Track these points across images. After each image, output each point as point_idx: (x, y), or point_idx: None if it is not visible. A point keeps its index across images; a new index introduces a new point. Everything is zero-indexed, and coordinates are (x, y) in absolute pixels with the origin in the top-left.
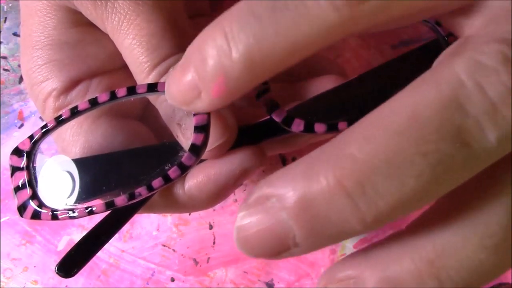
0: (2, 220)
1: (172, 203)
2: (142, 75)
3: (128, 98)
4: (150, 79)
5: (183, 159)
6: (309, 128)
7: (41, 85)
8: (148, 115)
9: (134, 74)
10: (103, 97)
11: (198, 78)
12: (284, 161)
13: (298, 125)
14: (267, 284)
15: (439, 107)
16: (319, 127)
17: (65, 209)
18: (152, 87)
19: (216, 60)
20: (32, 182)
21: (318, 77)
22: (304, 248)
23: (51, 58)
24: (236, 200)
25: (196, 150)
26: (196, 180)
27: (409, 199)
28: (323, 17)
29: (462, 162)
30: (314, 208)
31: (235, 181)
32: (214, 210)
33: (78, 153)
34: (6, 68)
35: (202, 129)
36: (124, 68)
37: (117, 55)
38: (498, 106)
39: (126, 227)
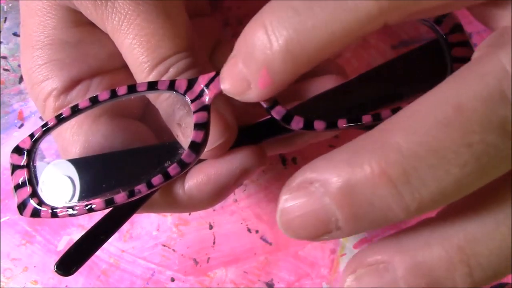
0: (2, 220)
1: (172, 203)
2: (142, 75)
3: (128, 97)
4: (150, 79)
5: (182, 156)
6: (308, 126)
7: (41, 84)
8: (148, 115)
9: (134, 74)
10: (103, 95)
11: (246, 70)
12: (284, 161)
13: (297, 123)
14: (267, 284)
15: (484, 98)
16: (319, 125)
17: (64, 207)
18: (153, 85)
19: (259, 53)
20: (32, 180)
21: (318, 77)
22: (345, 231)
23: (51, 58)
24: (236, 200)
25: (196, 147)
26: (196, 180)
27: (453, 188)
28: (361, 7)
29: (507, 153)
30: (358, 195)
31: (235, 181)
32: (214, 210)
33: (78, 152)
34: (6, 68)
35: (202, 126)
36: (124, 68)
37: (117, 55)
38: None
39: (126, 227)
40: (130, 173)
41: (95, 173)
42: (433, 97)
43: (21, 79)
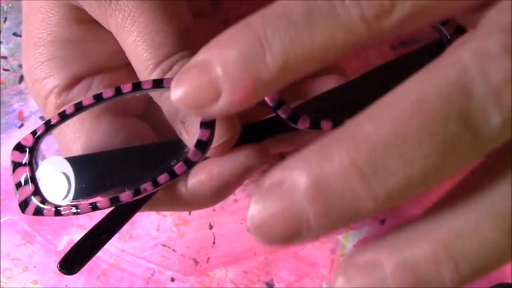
0: (2, 220)
1: (175, 201)
2: (146, 72)
3: (133, 94)
4: (154, 76)
5: (189, 155)
6: (315, 125)
7: (43, 82)
8: (148, 113)
9: (137, 71)
10: (108, 92)
11: (224, 78)
12: None
13: (304, 122)
14: (267, 284)
15: (445, 90)
16: (325, 124)
17: (68, 205)
18: (158, 83)
19: (248, 61)
20: (34, 178)
21: (319, 77)
22: (317, 230)
23: (54, 55)
24: (236, 200)
25: (202, 146)
26: (199, 177)
27: (418, 178)
28: (353, 28)
29: (468, 143)
30: (328, 188)
31: (238, 179)
32: (214, 210)
33: (79, 150)
34: (6, 68)
35: (208, 125)
36: (126, 66)
37: (120, 52)
38: (501, 91)
39: (126, 227)
40: (134, 171)
41: (99, 171)
42: (399, 91)
43: (21, 79)
